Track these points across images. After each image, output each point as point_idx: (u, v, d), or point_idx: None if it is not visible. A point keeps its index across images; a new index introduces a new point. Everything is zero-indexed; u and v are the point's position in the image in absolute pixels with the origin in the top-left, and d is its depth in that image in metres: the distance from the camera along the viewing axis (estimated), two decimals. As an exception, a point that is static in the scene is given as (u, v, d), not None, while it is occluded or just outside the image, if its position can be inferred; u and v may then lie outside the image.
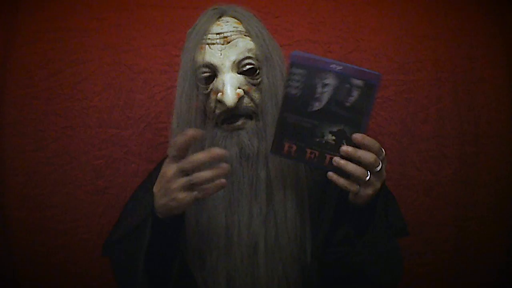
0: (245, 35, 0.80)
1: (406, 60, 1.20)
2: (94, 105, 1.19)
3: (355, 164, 0.66)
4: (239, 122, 0.80)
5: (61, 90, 1.19)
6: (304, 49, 1.17)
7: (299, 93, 0.68)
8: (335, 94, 0.67)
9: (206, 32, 0.79)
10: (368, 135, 0.67)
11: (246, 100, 0.79)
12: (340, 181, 0.68)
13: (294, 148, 0.70)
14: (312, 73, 0.67)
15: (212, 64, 0.78)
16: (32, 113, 1.18)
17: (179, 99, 0.80)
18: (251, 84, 0.80)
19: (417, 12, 1.22)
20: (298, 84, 0.68)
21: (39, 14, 1.21)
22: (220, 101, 0.78)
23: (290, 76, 0.68)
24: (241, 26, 0.80)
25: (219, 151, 0.66)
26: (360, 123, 0.67)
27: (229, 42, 0.79)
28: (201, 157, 0.65)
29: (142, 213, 0.79)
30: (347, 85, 0.66)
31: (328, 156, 0.69)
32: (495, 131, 1.19)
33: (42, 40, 1.19)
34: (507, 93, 1.20)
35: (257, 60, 0.79)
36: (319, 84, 0.67)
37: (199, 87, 0.80)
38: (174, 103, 0.81)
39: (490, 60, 1.20)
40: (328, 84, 0.67)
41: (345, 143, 0.67)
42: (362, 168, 0.66)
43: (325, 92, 0.67)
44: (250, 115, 0.81)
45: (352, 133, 0.67)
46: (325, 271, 0.78)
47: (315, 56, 0.68)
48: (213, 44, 0.79)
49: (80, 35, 1.20)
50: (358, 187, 0.68)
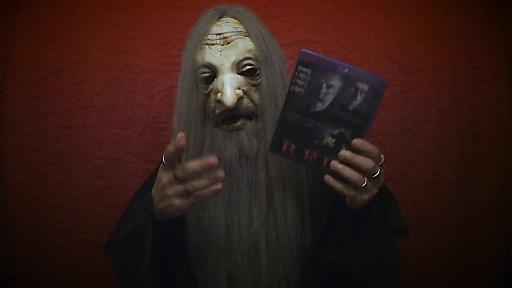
0: (245, 36, 0.80)
1: (406, 60, 1.20)
2: (94, 105, 1.19)
3: (353, 170, 0.66)
4: (239, 123, 0.80)
5: (61, 90, 1.19)
6: (304, 49, 1.17)
7: (303, 92, 0.67)
8: (339, 97, 0.66)
9: (206, 32, 0.79)
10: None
11: (246, 101, 0.79)
12: (336, 185, 0.67)
13: (293, 147, 0.69)
14: (318, 73, 0.66)
15: (212, 65, 0.78)
16: (32, 113, 1.18)
17: (179, 99, 0.81)
18: (251, 84, 0.80)
19: (417, 12, 1.22)
20: (303, 83, 0.67)
21: (39, 14, 1.21)
22: (219, 101, 0.78)
23: (296, 74, 0.67)
24: (241, 26, 0.80)
25: (213, 160, 0.65)
26: (361, 128, 0.66)
27: (229, 43, 0.79)
28: (195, 166, 0.64)
29: (143, 215, 0.79)
30: (352, 89, 0.66)
31: (326, 159, 0.68)
32: (495, 131, 1.19)
33: (42, 40, 1.19)
34: (507, 93, 1.20)
35: (256, 60, 0.79)
36: (324, 85, 0.66)
37: (199, 87, 0.80)
38: (175, 103, 0.82)
39: (490, 60, 1.20)
40: (333, 86, 0.66)
41: (344, 147, 0.67)
42: (360, 174, 0.66)
43: (329, 94, 0.66)
44: (249, 116, 0.81)
45: (352, 138, 0.66)
46: (320, 273, 0.78)
47: (323, 56, 0.67)
48: (213, 44, 0.79)
49: (80, 35, 1.20)
50: (354, 192, 0.67)
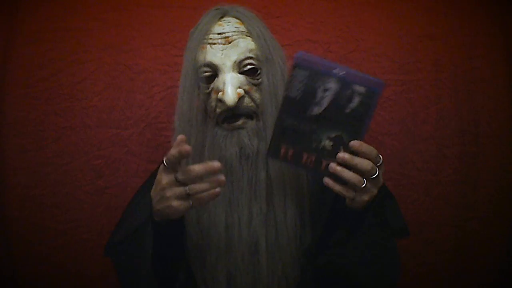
0: (246, 35, 0.80)
1: (406, 60, 1.20)
2: (94, 105, 1.19)
3: (352, 171, 0.66)
4: (240, 122, 0.80)
5: (61, 90, 1.19)
6: (304, 49, 1.17)
7: (299, 96, 0.67)
8: (335, 99, 0.66)
9: (208, 32, 0.80)
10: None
11: (247, 100, 0.80)
12: (336, 187, 0.67)
13: (291, 151, 0.69)
14: (314, 77, 0.66)
15: (213, 64, 0.79)
16: (32, 113, 1.18)
17: (180, 98, 0.81)
18: (252, 84, 0.80)
19: (417, 12, 1.22)
20: (299, 87, 0.67)
21: (39, 14, 1.21)
22: (220, 100, 0.78)
23: (292, 78, 0.67)
24: (243, 26, 0.81)
25: (217, 164, 0.65)
26: (359, 130, 0.66)
27: (230, 42, 0.79)
28: (198, 170, 0.65)
29: (143, 215, 0.79)
30: (349, 91, 0.66)
31: (324, 162, 0.68)
32: (495, 131, 1.19)
33: (42, 40, 1.19)
34: (507, 93, 1.20)
35: (258, 60, 0.80)
36: (320, 88, 0.66)
37: (200, 86, 0.80)
38: (176, 102, 0.82)
39: (490, 60, 1.20)
40: (330, 89, 0.66)
41: (342, 149, 0.67)
42: (359, 175, 0.66)
43: (325, 97, 0.66)
44: (250, 115, 0.81)
45: (350, 140, 0.66)
46: (319, 273, 0.78)
47: (319, 59, 0.66)
48: (215, 44, 0.79)
49: (80, 35, 1.20)
50: (354, 193, 0.67)
